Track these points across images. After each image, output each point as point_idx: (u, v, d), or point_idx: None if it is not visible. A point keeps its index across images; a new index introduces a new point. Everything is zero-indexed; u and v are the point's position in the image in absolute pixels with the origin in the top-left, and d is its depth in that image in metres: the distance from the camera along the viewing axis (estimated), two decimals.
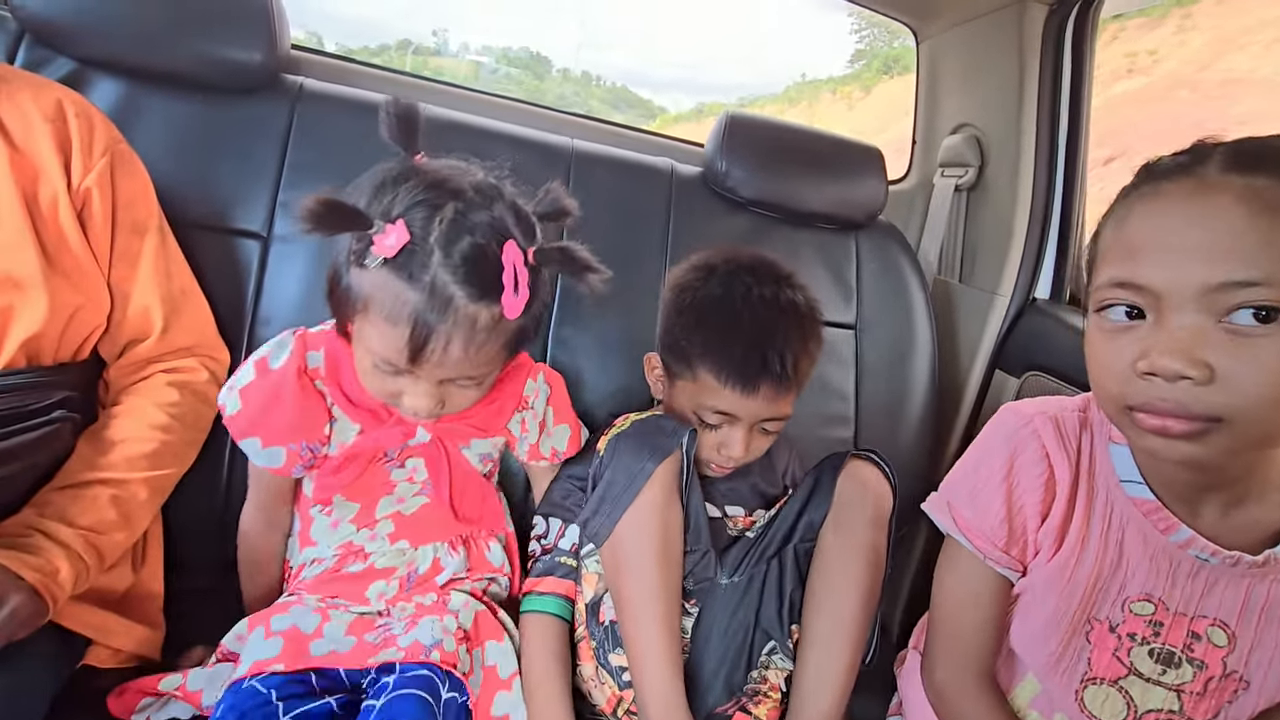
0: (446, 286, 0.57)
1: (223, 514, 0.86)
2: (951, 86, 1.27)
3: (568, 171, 1.01)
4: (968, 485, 0.65)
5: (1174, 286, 0.48)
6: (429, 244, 0.57)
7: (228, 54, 0.88)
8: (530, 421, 0.80)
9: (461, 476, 0.78)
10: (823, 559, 0.74)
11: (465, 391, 0.66)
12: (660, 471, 0.68)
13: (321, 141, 0.92)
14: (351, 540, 0.74)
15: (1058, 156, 1.12)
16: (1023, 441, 0.63)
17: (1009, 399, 1.14)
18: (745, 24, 56.02)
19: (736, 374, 0.72)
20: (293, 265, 0.89)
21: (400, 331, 0.58)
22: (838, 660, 0.70)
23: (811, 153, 1.11)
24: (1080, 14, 1.06)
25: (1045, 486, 0.62)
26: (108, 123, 0.70)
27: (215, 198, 0.88)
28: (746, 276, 0.76)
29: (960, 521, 0.65)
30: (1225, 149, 0.49)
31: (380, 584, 0.73)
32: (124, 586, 0.69)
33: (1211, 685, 0.61)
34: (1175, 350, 0.48)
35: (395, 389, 0.64)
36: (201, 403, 0.75)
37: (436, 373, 0.62)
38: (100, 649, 0.65)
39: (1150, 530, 0.60)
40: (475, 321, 0.59)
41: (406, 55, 17.87)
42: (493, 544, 0.80)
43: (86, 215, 0.66)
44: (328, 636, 0.65)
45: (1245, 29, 7.05)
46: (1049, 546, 0.63)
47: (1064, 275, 1.16)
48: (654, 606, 0.66)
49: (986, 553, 0.64)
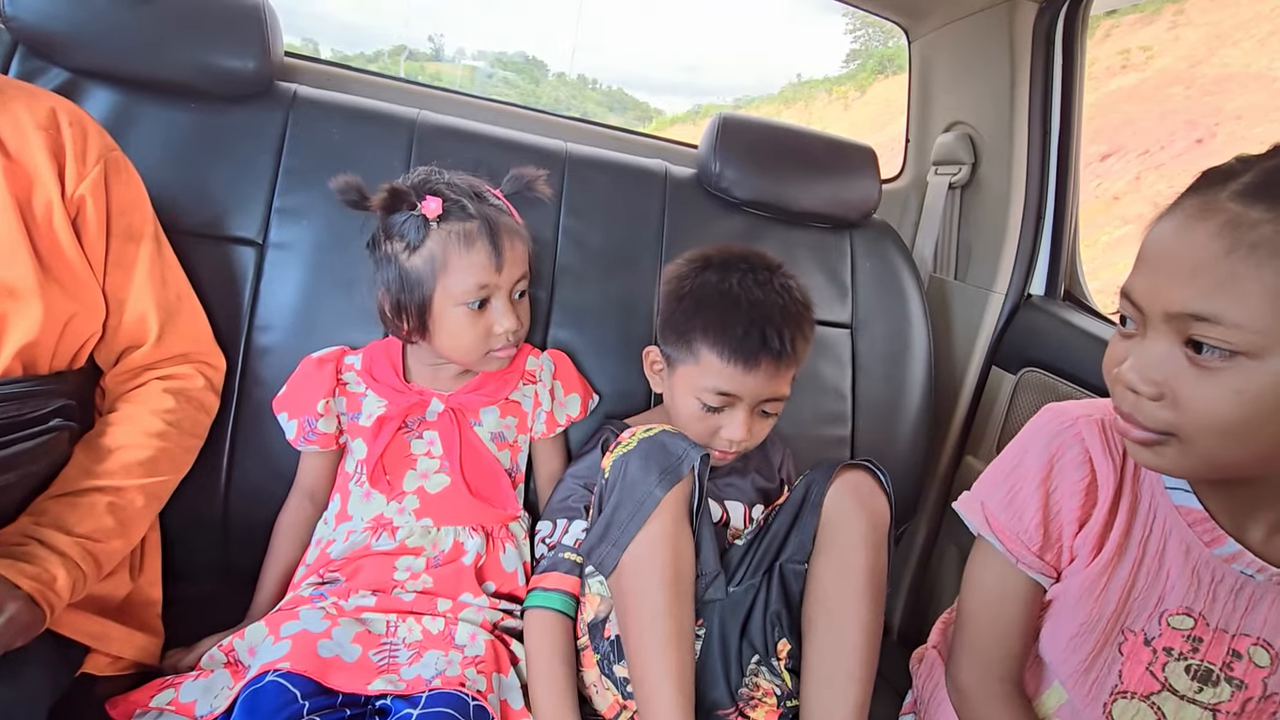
0: (482, 210, 0.78)
1: (221, 520, 0.86)
2: (944, 85, 1.27)
3: (562, 175, 1.01)
4: (1004, 486, 0.62)
5: (1149, 305, 0.49)
6: (455, 199, 0.77)
7: (221, 62, 0.89)
8: (541, 393, 0.89)
9: (473, 453, 0.84)
10: (819, 588, 0.69)
11: (524, 306, 0.84)
12: (670, 499, 0.64)
13: (316, 148, 0.92)
14: (382, 513, 0.80)
15: (1050, 153, 1.12)
16: (1065, 444, 0.60)
17: (1006, 396, 1.14)
18: (741, 26, 56.13)
19: (738, 351, 0.74)
20: (289, 272, 0.89)
21: (483, 247, 0.76)
22: (846, 701, 0.66)
23: (804, 152, 1.11)
24: (1070, 11, 1.07)
25: (1086, 492, 0.59)
26: (101, 131, 0.70)
27: (210, 205, 0.88)
28: (741, 264, 0.80)
29: (994, 523, 0.62)
30: (1260, 168, 0.47)
31: (409, 559, 0.77)
32: (122, 594, 0.69)
33: (1250, 706, 0.59)
34: (1137, 365, 0.50)
35: (485, 326, 0.78)
36: (198, 409, 0.75)
37: (511, 273, 0.79)
38: (99, 657, 0.65)
39: (1194, 541, 0.58)
40: (510, 225, 0.80)
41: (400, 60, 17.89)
42: (509, 546, 0.82)
43: (81, 223, 0.66)
44: (335, 639, 0.65)
45: (1239, 24, 7.07)
46: (1086, 553, 0.60)
47: (1058, 271, 1.16)
48: (664, 642, 0.63)
49: (1019, 556, 0.61)
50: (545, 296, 0.98)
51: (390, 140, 0.95)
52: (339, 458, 0.85)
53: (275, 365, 0.87)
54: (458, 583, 0.77)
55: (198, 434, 0.75)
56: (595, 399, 0.95)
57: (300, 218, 0.90)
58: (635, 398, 0.98)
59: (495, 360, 0.82)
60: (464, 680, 0.64)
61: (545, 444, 0.91)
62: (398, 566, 0.76)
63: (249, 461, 0.87)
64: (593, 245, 1.01)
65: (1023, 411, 1.11)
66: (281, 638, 0.65)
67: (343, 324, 0.89)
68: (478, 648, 0.70)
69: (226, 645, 0.67)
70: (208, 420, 0.77)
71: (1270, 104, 5.94)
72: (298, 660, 0.61)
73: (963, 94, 1.23)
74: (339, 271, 0.89)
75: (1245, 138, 5.73)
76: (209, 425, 0.77)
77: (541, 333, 0.97)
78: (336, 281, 0.89)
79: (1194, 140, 6.66)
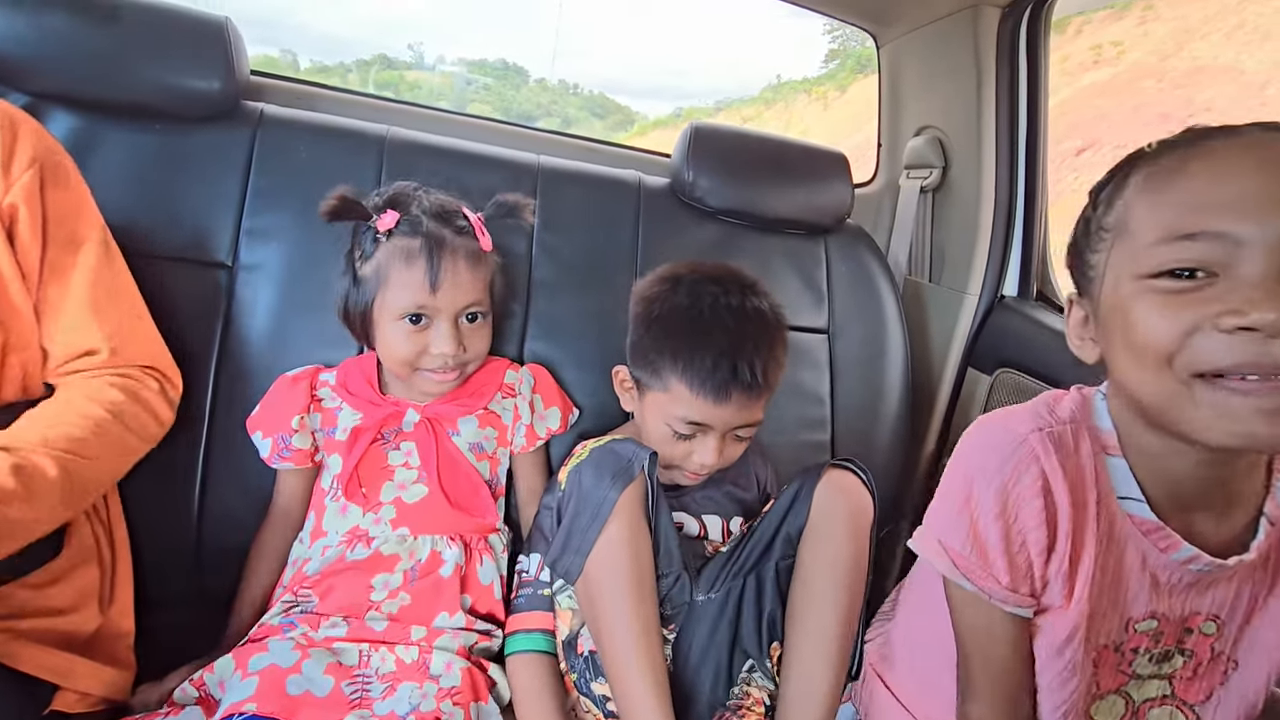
0: (435, 229, 0.78)
1: (194, 546, 0.85)
2: (913, 90, 1.28)
3: (534, 188, 1.01)
4: (960, 523, 0.58)
5: (1258, 232, 0.43)
6: (414, 212, 0.79)
7: (185, 83, 0.88)
8: (521, 406, 0.88)
9: (451, 462, 0.83)
10: (802, 573, 0.72)
11: (477, 332, 0.82)
12: (624, 500, 0.66)
13: (284, 167, 0.92)
14: (358, 525, 0.79)
15: (1018, 155, 1.13)
16: (1018, 467, 0.56)
17: (982, 396, 1.15)
18: (720, 29, 56.42)
19: (708, 384, 0.73)
20: (260, 294, 0.88)
21: (419, 265, 0.76)
22: (822, 679, 0.68)
23: (777, 160, 1.12)
24: (1033, 15, 1.08)
25: (1047, 523, 0.56)
26: (39, 134, 0.67)
27: (178, 229, 0.87)
28: (712, 286, 0.77)
29: (959, 562, 0.59)
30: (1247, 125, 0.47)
31: (384, 575, 0.75)
32: (92, 627, 0.67)
33: (1200, 669, 0.61)
34: (1261, 295, 0.43)
35: (421, 344, 0.78)
36: (145, 411, 0.69)
37: (453, 297, 0.77)
38: (67, 694, 0.63)
39: (1150, 549, 0.57)
40: (466, 249, 0.79)
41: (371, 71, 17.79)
42: (486, 559, 0.81)
43: (14, 233, 0.63)
44: (305, 673, 0.64)
45: (1206, 18, 7.21)
46: (1059, 588, 0.57)
47: (1030, 272, 1.17)
48: (633, 638, 0.65)
49: (993, 593, 0.58)
50: (521, 310, 0.97)
51: (360, 158, 0.95)
52: (314, 477, 0.84)
53: (248, 388, 0.86)
54: (436, 599, 0.76)
55: (144, 436, 0.69)
56: (575, 413, 0.95)
57: (270, 239, 0.89)
58: (613, 411, 0.97)
59: (431, 382, 0.81)
60: (439, 714, 0.63)
61: (525, 459, 0.90)
62: (374, 585, 0.75)
63: (222, 486, 0.86)
64: (567, 258, 1.01)
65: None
66: (250, 673, 0.63)
67: (316, 344, 0.88)
68: (453, 677, 0.68)
69: (197, 680, 0.66)
70: (157, 429, 0.71)
71: (1239, 95, 6.05)
72: (264, 700, 0.60)
73: (931, 98, 1.24)
74: (311, 292, 0.88)
75: None
76: (158, 436, 0.72)
77: (517, 346, 0.97)
78: (309, 302, 0.88)
79: (1167, 132, 6.76)
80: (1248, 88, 6.05)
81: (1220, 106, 6.03)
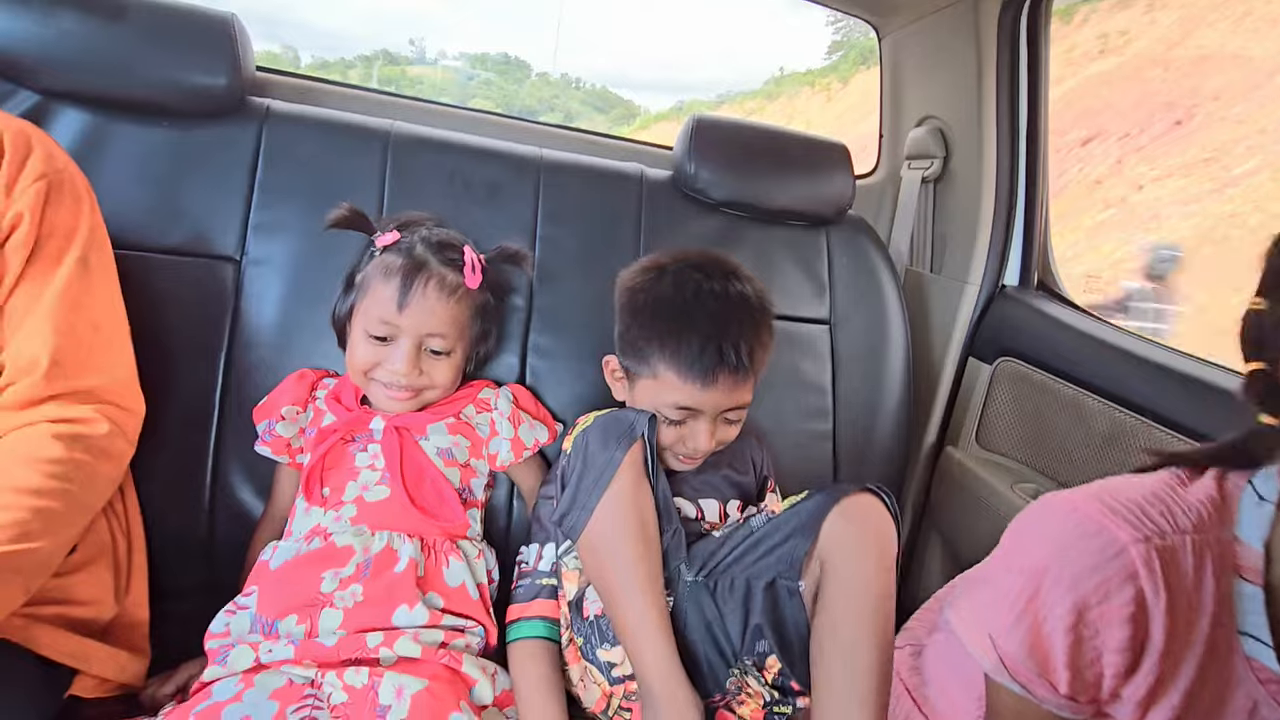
0: (423, 255, 0.82)
1: (207, 539, 0.87)
2: (914, 80, 1.28)
3: (537, 181, 1.01)
4: (1020, 623, 0.48)
5: None
6: (412, 237, 0.83)
7: (192, 79, 0.89)
8: (499, 421, 0.88)
9: (416, 465, 0.82)
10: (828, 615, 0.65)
11: (437, 364, 0.83)
12: (628, 458, 0.69)
13: (291, 162, 0.93)
14: (319, 523, 0.79)
15: (1019, 145, 1.13)
16: (1107, 585, 0.45)
17: (983, 386, 1.15)
18: (722, 21, 56.05)
19: (695, 368, 0.74)
20: (268, 287, 0.90)
21: (393, 283, 0.79)
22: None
23: (778, 152, 1.12)
24: (1034, 4, 1.08)
25: (1132, 648, 0.46)
26: (51, 153, 0.67)
27: (187, 223, 0.88)
28: (696, 273, 0.79)
29: (1011, 666, 0.49)
30: None
31: (335, 569, 0.72)
32: (108, 617, 0.68)
33: None
34: None
35: (378, 357, 0.80)
36: (97, 458, 0.63)
37: (418, 321, 0.79)
38: (86, 679, 0.64)
39: (1266, 701, 0.46)
40: (444, 279, 0.81)
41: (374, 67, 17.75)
42: (453, 560, 0.78)
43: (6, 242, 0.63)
44: (246, 701, 0.61)
45: (1213, 5, 7.13)
46: (1131, 711, 0.48)
47: (1031, 261, 1.18)
48: (640, 585, 0.67)
49: (1045, 700, 0.49)
50: (524, 303, 0.98)
51: (365, 152, 0.96)
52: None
53: (257, 382, 0.88)
54: (391, 593, 0.72)
55: (97, 490, 0.64)
56: (560, 428, 0.95)
57: (278, 232, 0.91)
58: (614, 400, 0.98)
59: (383, 395, 0.82)
60: None
61: (520, 466, 0.90)
62: (324, 577, 0.72)
63: (234, 480, 0.87)
64: (570, 250, 1.01)
65: (1000, 401, 1.13)
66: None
67: (324, 337, 0.89)
68: (403, 707, 0.63)
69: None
70: (114, 471, 0.67)
71: (1247, 83, 5.99)
72: None
73: (932, 89, 1.24)
74: (319, 285, 0.89)
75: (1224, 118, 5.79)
76: (117, 478, 0.68)
77: (521, 339, 0.98)
78: (317, 296, 0.89)
79: (1173, 122, 6.71)
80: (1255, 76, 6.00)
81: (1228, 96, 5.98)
